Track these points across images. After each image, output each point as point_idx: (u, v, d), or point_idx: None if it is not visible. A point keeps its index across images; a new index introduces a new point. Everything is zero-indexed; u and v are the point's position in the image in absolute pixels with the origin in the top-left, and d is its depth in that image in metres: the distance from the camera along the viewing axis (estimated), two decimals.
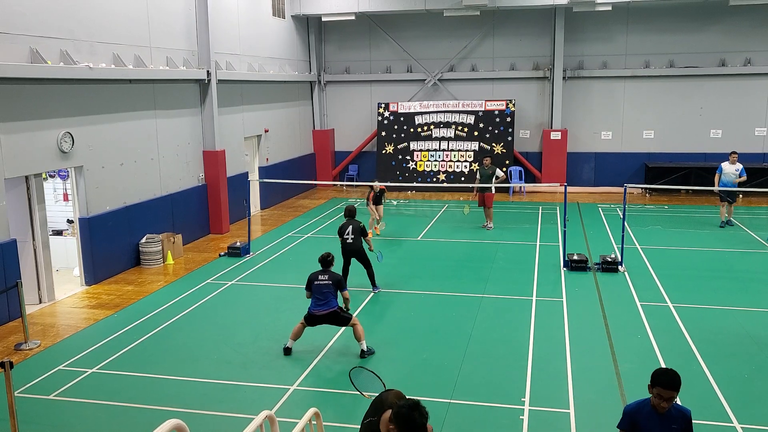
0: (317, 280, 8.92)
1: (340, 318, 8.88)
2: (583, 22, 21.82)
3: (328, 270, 9.04)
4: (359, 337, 8.83)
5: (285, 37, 21.43)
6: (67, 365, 8.72)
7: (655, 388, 4.39)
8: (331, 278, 8.94)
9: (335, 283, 8.93)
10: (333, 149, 24.42)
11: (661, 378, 4.38)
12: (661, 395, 4.36)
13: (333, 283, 8.91)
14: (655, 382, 4.40)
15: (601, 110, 22.29)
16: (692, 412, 4.60)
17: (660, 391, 4.36)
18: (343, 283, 9.08)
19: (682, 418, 4.49)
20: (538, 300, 11.06)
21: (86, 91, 12.16)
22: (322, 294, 8.83)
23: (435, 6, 20.49)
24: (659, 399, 4.38)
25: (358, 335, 8.83)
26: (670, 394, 4.35)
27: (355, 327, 8.87)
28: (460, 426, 6.98)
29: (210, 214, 16.45)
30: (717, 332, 9.48)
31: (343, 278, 9.24)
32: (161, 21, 14.40)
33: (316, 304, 8.86)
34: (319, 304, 8.84)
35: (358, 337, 8.83)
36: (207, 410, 7.41)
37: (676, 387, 4.36)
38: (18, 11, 10.57)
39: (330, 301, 8.84)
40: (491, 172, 16.12)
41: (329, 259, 9.14)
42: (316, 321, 8.92)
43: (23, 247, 11.13)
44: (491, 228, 16.23)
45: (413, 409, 3.66)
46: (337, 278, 8.98)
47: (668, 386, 4.35)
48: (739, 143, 21.10)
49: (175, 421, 3.61)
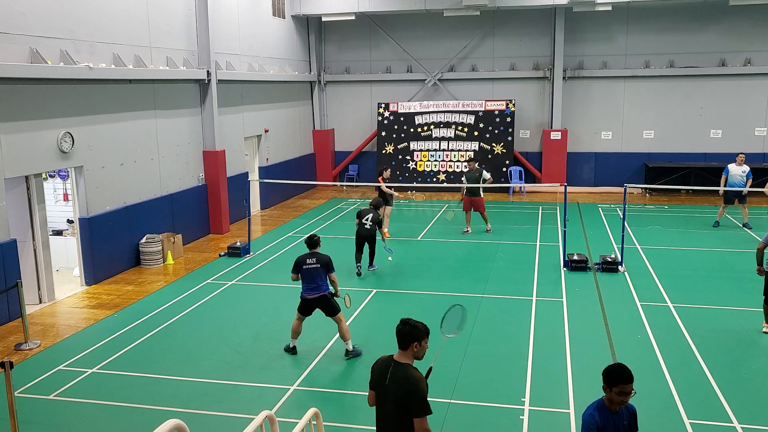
0: (305, 264, 8.84)
1: (329, 305, 8.78)
2: (583, 22, 21.82)
3: (315, 252, 8.96)
4: (343, 335, 8.76)
5: (285, 37, 21.43)
6: (67, 365, 8.72)
7: (617, 386, 4.39)
8: (319, 261, 8.83)
9: (323, 265, 8.81)
10: (333, 149, 24.42)
11: (619, 375, 4.40)
12: (623, 391, 4.38)
13: (321, 266, 8.80)
14: (615, 380, 4.40)
15: (601, 110, 22.29)
16: (692, 412, 4.61)
17: (623, 387, 4.37)
18: (331, 264, 8.91)
19: (629, 415, 4.56)
20: (538, 300, 11.06)
21: (86, 91, 12.16)
22: (312, 278, 8.79)
23: (435, 6, 20.50)
24: (622, 395, 4.39)
25: (342, 333, 8.76)
26: (631, 388, 4.39)
27: (339, 323, 8.78)
28: (460, 426, 6.98)
29: (210, 214, 16.45)
30: (717, 332, 9.48)
31: (330, 260, 8.92)
32: (161, 21, 14.40)
33: (307, 288, 8.84)
34: (310, 288, 8.81)
35: (342, 334, 8.77)
36: (207, 410, 7.41)
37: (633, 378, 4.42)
38: (18, 11, 10.58)
39: (320, 285, 8.78)
40: (477, 175, 15.79)
41: (314, 240, 9.07)
42: (309, 306, 8.86)
43: (23, 247, 11.13)
44: (490, 230, 16.08)
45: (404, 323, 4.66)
46: (324, 260, 8.85)
47: (628, 379, 4.38)
48: (739, 143, 21.12)
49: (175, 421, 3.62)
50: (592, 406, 4.54)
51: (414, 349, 4.61)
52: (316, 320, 9.12)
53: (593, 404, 4.55)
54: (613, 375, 4.41)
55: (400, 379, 4.55)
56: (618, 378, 4.39)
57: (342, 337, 8.82)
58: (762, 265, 9.29)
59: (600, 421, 4.43)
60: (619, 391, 4.37)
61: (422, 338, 4.63)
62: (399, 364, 4.63)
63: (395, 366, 4.62)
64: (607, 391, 4.44)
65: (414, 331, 4.60)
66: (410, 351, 4.64)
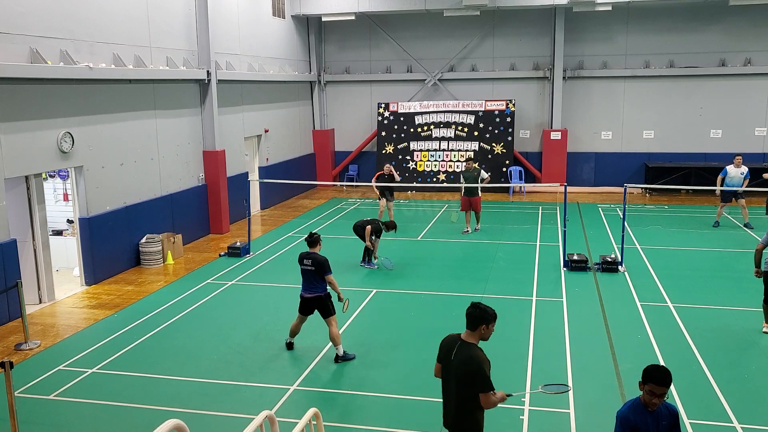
0: (302, 264, 8.81)
1: (325, 306, 8.71)
2: (583, 22, 21.83)
3: (312, 253, 8.82)
4: (333, 339, 8.65)
5: (285, 37, 21.43)
6: (67, 365, 8.72)
7: (647, 384, 4.41)
8: (314, 263, 8.70)
9: (317, 267, 8.66)
10: (333, 149, 24.42)
11: (654, 374, 4.41)
12: (653, 392, 4.38)
13: (315, 269, 8.68)
14: (647, 378, 4.42)
15: (601, 110, 22.29)
16: (692, 412, 4.61)
17: (653, 387, 4.38)
18: (325, 266, 8.69)
19: (669, 415, 4.54)
20: (538, 300, 11.06)
21: (86, 91, 12.16)
22: (307, 278, 8.78)
23: (435, 6, 20.50)
24: (651, 395, 4.40)
25: (332, 337, 8.65)
26: (663, 390, 4.38)
27: (330, 327, 8.67)
28: None
29: (210, 214, 16.45)
30: (717, 332, 9.48)
31: (326, 261, 8.72)
32: (161, 21, 14.40)
33: (304, 287, 8.83)
34: (307, 287, 8.80)
35: (332, 338, 8.66)
36: (207, 410, 7.41)
37: (668, 383, 4.40)
38: (18, 11, 10.58)
39: (315, 285, 8.71)
40: (476, 175, 15.84)
41: (314, 238, 8.94)
42: (307, 305, 8.83)
43: (23, 247, 11.13)
44: (478, 229, 16.07)
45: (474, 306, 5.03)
46: (319, 262, 8.67)
47: (661, 382, 4.38)
48: (739, 143, 21.14)
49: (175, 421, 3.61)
50: (628, 404, 4.57)
51: (481, 331, 4.99)
52: (317, 320, 9.11)
53: (629, 402, 4.59)
54: (648, 372, 4.45)
55: (466, 358, 4.91)
56: (650, 376, 4.42)
57: (332, 341, 8.72)
58: (760, 267, 9.28)
59: (634, 421, 4.45)
60: (649, 390, 4.40)
61: (490, 322, 5.02)
62: (465, 343, 5.00)
63: (461, 345, 5.00)
64: (642, 387, 4.48)
65: (484, 314, 5.00)
66: (478, 332, 5.00)
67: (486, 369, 4.91)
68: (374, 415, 7.32)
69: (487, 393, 4.87)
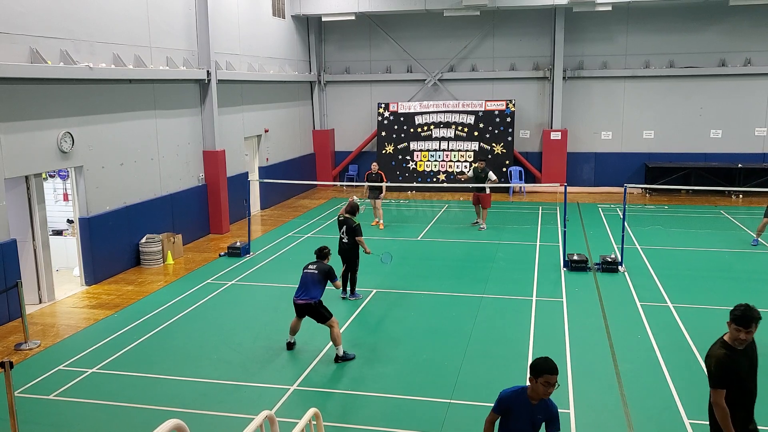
0: (306, 269, 8.91)
1: (318, 312, 8.74)
2: (583, 22, 21.83)
3: (320, 261, 9.01)
4: (334, 340, 8.69)
5: (285, 37, 21.43)
6: (67, 365, 8.72)
7: (542, 377, 4.56)
8: (319, 269, 8.83)
9: (323, 273, 8.80)
10: (333, 149, 24.43)
11: (546, 366, 4.59)
12: (548, 381, 4.56)
13: (320, 273, 8.78)
14: (542, 371, 4.58)
15: (601, 110, 22.29)
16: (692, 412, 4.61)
17: (548, 378, 4.55)
18: (332, 274, 8.89)
19: (546, 409, 4.71)
20: (538, 300, 11.06)
21: (86, 91, 12.16)
22: (304, 283, 8.80)
23: (435, 6, 20.50)
24: (547, 386, 4.57)
25: (333, 338, 8.68)
26: (556, 379, 4.58)
27: (331, 329, 8.71)
28: (460, 426, 6.98)
29: (210, 214, 16.45)
30: (717, 332, 9.34)
31: (332, 270, 8.93)
32: (161, 21, 14.41)
33: (297, 293, 8.85)
34: (299, 292, 8.82)
35: (333, 339, 8.69)
36: (207, 410, 7.41)
37: (558, 371, 4.62)
38: (18, 11, 10.58)
39: (310, 291, 8.74)
40: (484, 175, 16.17)
41: (324, 252, 9.13)
42: (299, 310, 8.86)
43: (23, 247, 11.13)
44: (484, 228, 16.19)
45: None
46: (325, 269, 8.85)
47: (555, 371, 4.58)
48: (739, 143, 21.14)
49: (175, 421, 3.62)
50: (514, 389, 4.77)
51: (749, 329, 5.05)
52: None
53: (516, 387, 4.79)
54: (541, 366, 4.61)
55: (708, 353, 5.15)
56: (543, 368, 4.59)
57: (333, 341, 8.74)
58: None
59: (508, 404, 4.68)
60: (545, 381, 4.56)
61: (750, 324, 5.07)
62: (719, 339, 5.19)
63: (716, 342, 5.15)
64: (533, 382, 4.62)
65: (753, 313, 5.07)
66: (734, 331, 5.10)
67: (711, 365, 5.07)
68: (374, 415, 7.32)
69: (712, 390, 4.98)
